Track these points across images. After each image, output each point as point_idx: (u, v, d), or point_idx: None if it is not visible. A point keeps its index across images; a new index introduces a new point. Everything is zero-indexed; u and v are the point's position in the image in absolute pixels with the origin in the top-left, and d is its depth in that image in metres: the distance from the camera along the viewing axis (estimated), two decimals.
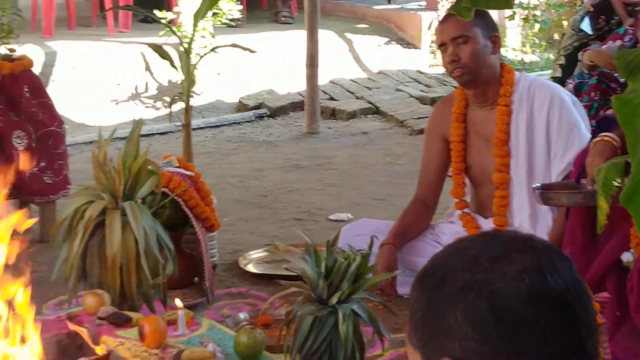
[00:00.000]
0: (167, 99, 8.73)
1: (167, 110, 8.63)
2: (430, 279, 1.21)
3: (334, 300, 2.84)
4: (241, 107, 8.98)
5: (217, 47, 5.54)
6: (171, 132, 8.13)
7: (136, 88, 8.87)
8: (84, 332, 3.19)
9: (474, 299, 1.15)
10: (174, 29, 5.91)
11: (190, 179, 4.23)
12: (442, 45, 4.07)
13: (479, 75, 4.03)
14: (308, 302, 2.90)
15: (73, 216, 3.76)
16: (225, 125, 8.51)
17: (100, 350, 3.11)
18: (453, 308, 1.16)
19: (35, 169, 5.09)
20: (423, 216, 4.31)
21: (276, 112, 8.81)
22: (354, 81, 9.57)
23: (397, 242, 4.14)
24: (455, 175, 4.21)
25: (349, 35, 10.34)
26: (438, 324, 1.17)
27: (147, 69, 8.91)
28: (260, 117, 8.74)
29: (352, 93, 9.25)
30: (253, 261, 4.73)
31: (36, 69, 5.30)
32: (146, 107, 8.78)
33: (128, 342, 3.24)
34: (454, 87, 8.42)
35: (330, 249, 2.90)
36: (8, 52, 5.11)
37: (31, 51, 5.59)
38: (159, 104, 8.87)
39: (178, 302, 3.46)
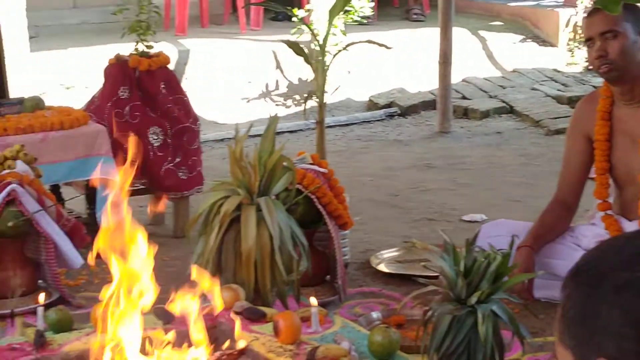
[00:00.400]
0: (297, 97, 8.85)
1: (297, 109, 8.79)
2: (585, 276, 1.19)
3: (473, 300, 2.81)
4: (371, 105, 9.00)
5: (351, 44, 5.55)
6: (301, 130, 8.21)
7: (267, 86, 8.98)
8: (237, 323, 3.21)
9: (634, 298, 1.13)
10: (307, 26, 5.93)
11: (323, 176, 4.26)
12: (589, 40, 3.97)
13: (627, 72, 3.92)
14: (446, 302, 2.88)
15: (209, 211, 3.84)
16: (355, 123, 8.54)
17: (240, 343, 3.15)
18: (611, 307, 1.14)
19: (170, 164, 5.22)
20: (563, 218, 4.22)
21: (407, 111, 8.79)
22: (488, 80, 9.46)
23: (535, 244, 4.06)
24: (599, 176, 4.11)
25: (482, 32, 10.24)
26: (593, 323, 1.15)
27: (278, 66, 9.02)
28: (391, 115, 8.74)
29: (486, 92, 9.15)
30: (385, 261, 4.74)
31: (170, 67, 5.42)
32: (276, 105, 8.89)
33: (263, 337, 3.28)
34: (593, 86, 8.28)
35: (470, 248, 2.87)
36: (145, 49, 5.25)
37: (165, 49, 5.73)
38: (289, 102, 8.97)
39: (313, 300, 3.49)
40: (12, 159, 4.21)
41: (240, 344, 3.16)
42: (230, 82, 8.78)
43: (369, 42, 5.57)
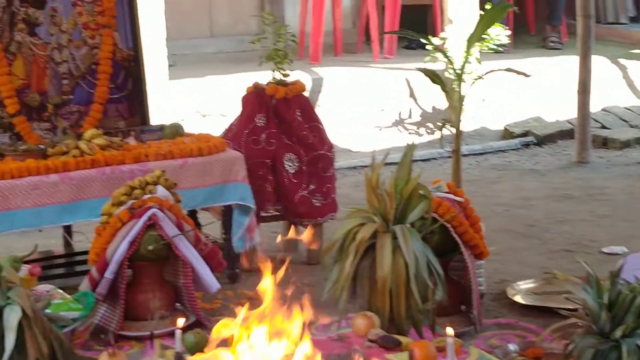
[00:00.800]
0: (431, 125, 8.84)
1: (430, 137, 8.78)
2: None
3: (618, 333, 2.76)
4: (506, 134, 8.91)
5: (490, 72, 5.53)
6: (434, 158, 8.18)
7: (400, 114, 9.00)
8: None
9: None
10: (443, 54, 5.94)
11: (459, 205, 4.24)
12: None
13: None
14: (589, 335, 2.83)
15: (344, 238, 3.88)
16: (489, 152, 8.48)
17: None
18: None
19: (305, 191, 5.28)
20: None
21: (544, 140, 8.67)
22: (628, 109, 9.25)
23: None
24: None
25: (622, 60, 10.02)
26: None
27: (411, 95, 9.03)
28: (527, 144, 8.63)
29: (626, 121, 8.95)
30: (522, 292, 4.68)
31: (305, 94, 5.50)
32: (409, 133, 8.89)
33: None
34: None
35: (614, 280, 2.82)
36: (282, 77, 5.34)
37: (299, 77, 5.83)
38: (422, 130, 8.96)
39: (449, 330, 3.48)
40: (153, 184, 4.34)
41: None
42: (363, 110, 8.83)
43: (508, 70, 5.53)
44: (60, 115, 5.14)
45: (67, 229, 5.46)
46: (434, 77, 5.38)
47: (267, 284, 3.30)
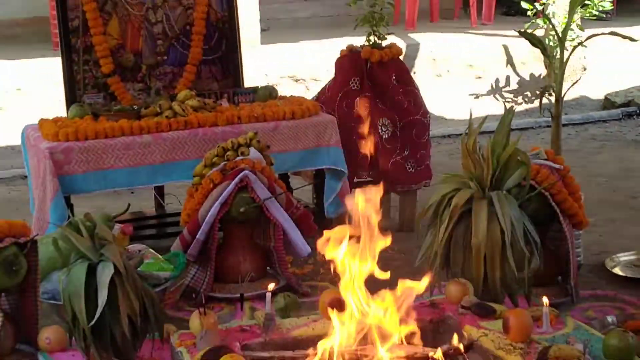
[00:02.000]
0: (529, 93, 8.71)
1: (528, 106, 8.66)
2: None
3: None
4: (607, 104, 8.74)
5: (592, 36, 5.40)
6: (532, 127, 8.08)
7: (497, 82, 8.89)
8: None
9: None
10: (544, 18, 5.83)
11: (558, 172, 4.16)
12: None
13: None
14: None
15: (439, 204, 3.84)
16: (589, 122, 8.33)
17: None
18: None
19: (399, 157, 5.25)
20: None
21: None
22: None
23: None
24: None
25: None
26: None
27: (509, 62, 8.91)
28: (629, 115, 8.46)
29: None
30: (621, 264, 4.59)
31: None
32: (506, 101, 8.79)
33: (492, 334, 3.25)
34: None
35: None
36: (377, 41, 5.30)
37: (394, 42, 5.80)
38: (519, 98, 8.84)
39: (545, 300, 3.43)
40: (245, 146, 4.36)
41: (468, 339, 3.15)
42: (459, 77, 8.75)
43: (612, 34, 5.39)
44: (154, 75, 5.21)
45: (159, 191, 5.54)
46: (535, 40, 5.28)
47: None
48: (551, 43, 7.80)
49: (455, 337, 3.11)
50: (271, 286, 3.69)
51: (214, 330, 3.26)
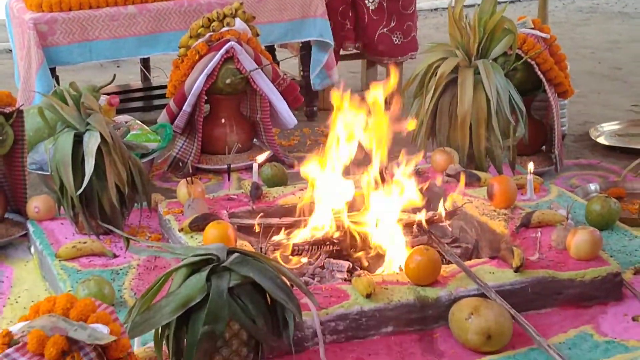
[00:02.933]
0: None
1: None
2: None
3: None
4: None
5: None
6: (518, 0, 7.99)
7: None
8: None
9: None
10: None
11: (545, 41, 4.12)
12: None
13: None
14: None
15: (425, 73, 3.81)
16: None
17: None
18: None
19: (385, 29, 5.19)
20: None
21: None
22: None
23: None
24: None
25: None
26: None
27: None
28: None
29: None
30: (605, 133, 4.60)
31: None
32: None
33: (476, 201, 3.26)
34: None
35: None
36: None
37: None
38: None
39: (530, 166, 3.43)
40: (231, 17, 4.28)
41: (452, 206, 3.16)
42: None
43: None
44: None
45: (145, 64, 5.48)
46: None
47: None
48: None
49: (441, 203, 3.13)
50: (261, 157, 3.69)
51: (201, 198, 3.26)
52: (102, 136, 3.16)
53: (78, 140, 3.17)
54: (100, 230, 3.22)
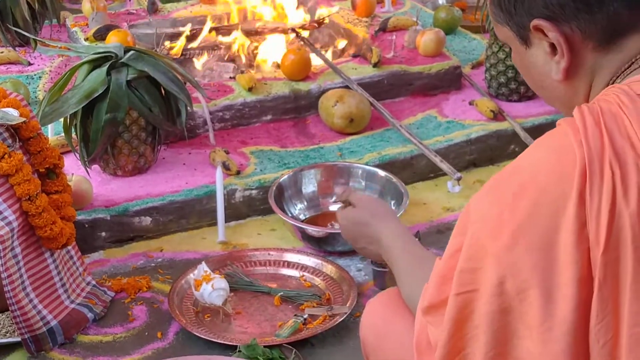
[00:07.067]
0: None
1: None
2: None
3: None
4: None
5: None
6: None
7: None
8: None
9: None
10: None
11: None
12: None
13: None
14: None
15: None
16: None
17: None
18: None
19: None
20: None
21: None
22: None
23: None
24: None
25: None
26: None
27: None
28: None
29: None
30: None
31: None
32: None
33: (342, 11, 3.21)
34: None
35: None
36: None
37: None
38: None
39: None
40: None
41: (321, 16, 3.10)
42: None
43: None
44: None
45: None
46: None
47: None
48: None
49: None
50: None
51: (103, 12, 3.11)
52: None
53: None
54: (15, 42, 3.06)
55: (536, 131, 2.51)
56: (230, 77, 2.74)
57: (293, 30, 2.93)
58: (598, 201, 0.94)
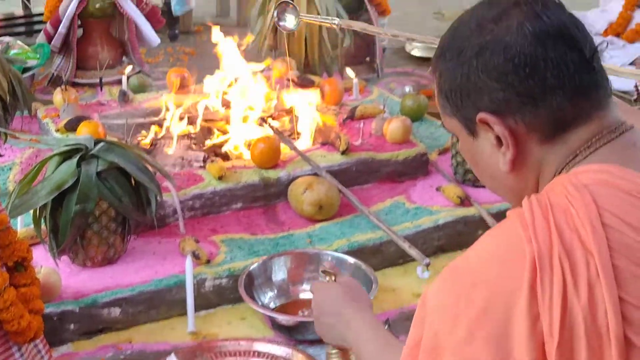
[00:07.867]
0: None
1: None
2: (447, 54, 1.13)
3: None
4: None
5: None
6: None
7: None
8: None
9: (491, 56, 1.08)
10: None
11: None
12: None
13: None
14: None
15: None
16: None
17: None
18: (475, 69, 1.09)
19: None
20: None
21: None
22: None
23: None
24: None
25: None
26: (466, 87, 1.09)
27: None
28: None
29: None
30: (419, 47, 4.65)
31: None
32: None
33: (311, 99, 3.25)
34: None
35: None
36: None
37: None
38: None
39: (349, 72, 3.44)
40: None
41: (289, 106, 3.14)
42: None
43: None
44: None
45: None
46: None
47: None
48: None
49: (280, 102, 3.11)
50: (128, 69, 3.57)
51: (75, 103, 3.14)
52: None
53: None
54: None
55: (502, 216, 2.51)
56: (200, 166, 2.75)
57: (262, 119, 2.96)
58: (549, 295, 0.96)
